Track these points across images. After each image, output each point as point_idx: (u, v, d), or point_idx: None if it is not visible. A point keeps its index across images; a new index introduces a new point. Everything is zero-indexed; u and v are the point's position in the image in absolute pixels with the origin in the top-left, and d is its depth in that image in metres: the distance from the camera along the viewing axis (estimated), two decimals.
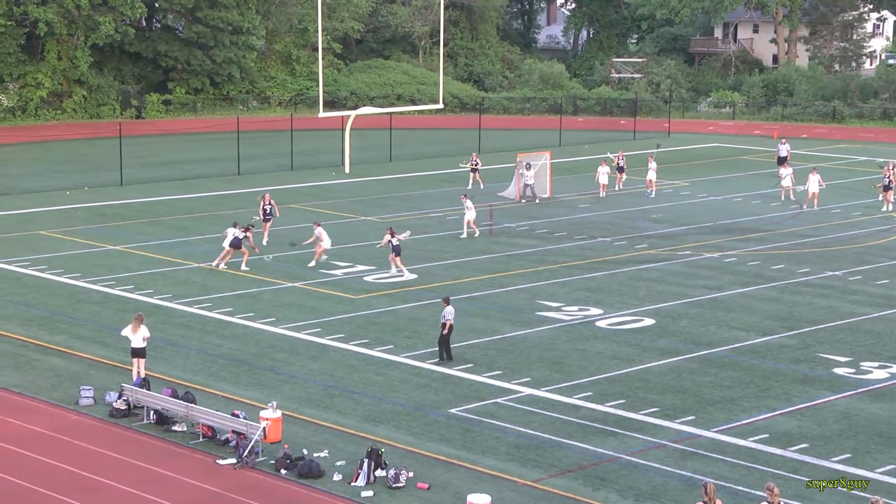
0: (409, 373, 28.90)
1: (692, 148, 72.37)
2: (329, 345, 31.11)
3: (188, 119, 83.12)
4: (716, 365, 29.64)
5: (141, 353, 27.43)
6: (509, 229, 46.58)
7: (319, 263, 39.87)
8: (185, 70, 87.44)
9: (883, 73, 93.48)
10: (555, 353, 30.46)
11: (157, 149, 70.36)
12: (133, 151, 62.67)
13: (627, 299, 35.83)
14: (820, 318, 33.89)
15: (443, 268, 39.86)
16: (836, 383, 28.29)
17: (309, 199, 53.73)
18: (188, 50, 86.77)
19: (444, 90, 70.95)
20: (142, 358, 27.47)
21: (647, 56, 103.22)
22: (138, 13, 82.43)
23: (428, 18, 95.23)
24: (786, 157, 60.44)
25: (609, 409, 26.37)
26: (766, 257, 41.81)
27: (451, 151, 69.67)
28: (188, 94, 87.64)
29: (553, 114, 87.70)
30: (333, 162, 63.93)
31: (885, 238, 45.42)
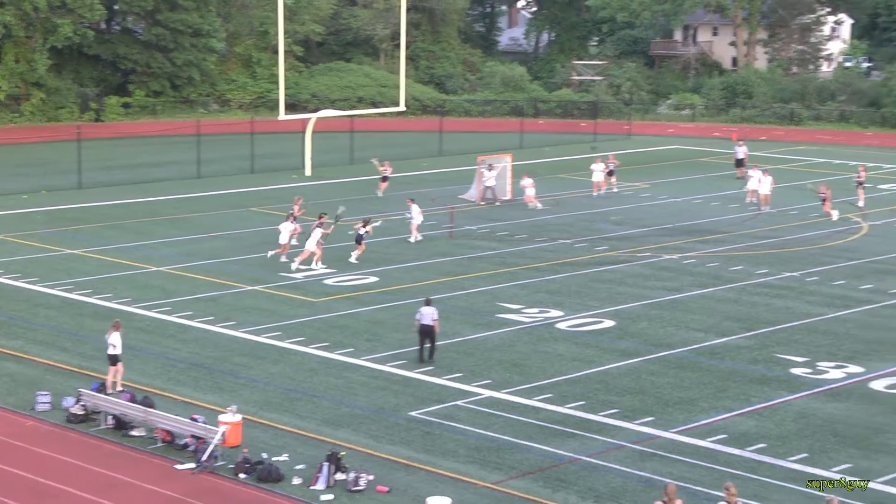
0: (370, 376, 28.86)
1: (652, 150, 72.72)
2: (289, 348, 31.01)
3: (148, 122, 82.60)
4: (675, 366, 29.79)
5: (116, 359, 27.25)
6: (470, 231, 46.61)
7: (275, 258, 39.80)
8: (145, 73, 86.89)
9: (840, 76, 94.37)
10: (515, 356, 30.51)
11: (117, 152, 69.91)
12: (92, 154, 62.23)
13: (587, 301, 35.94)
14: (778, 319, 34.13)
15: (403, 270, 39.84)
16: (793, 383, 28.50)
17: (270, 201, 53.54)
18: (148, 52, 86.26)
19: (405, 93, 70.81)
20: (113, 365, 27.27)
21: (608, 58, 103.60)
22: (97, 15, 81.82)
23: (389, 21, 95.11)
24: (743, 158, 60.83)
25: (569, 411, 26.44)
26: (725, 259, 42.07)
27: (413, 154, 69.68)
28: (148, 97, 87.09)
29: (514, 116, 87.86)
30: (294, 165, 63.75)
31: (842, 239, 45.82)
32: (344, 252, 41.18)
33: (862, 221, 49.26)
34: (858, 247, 44.24)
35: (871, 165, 65.26)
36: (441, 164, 65.71)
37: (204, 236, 45.57)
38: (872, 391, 28.01)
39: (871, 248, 44.00)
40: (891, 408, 26.88)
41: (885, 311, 35.12)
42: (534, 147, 72.72)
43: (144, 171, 62.53)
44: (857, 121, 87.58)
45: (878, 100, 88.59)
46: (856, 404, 27.11)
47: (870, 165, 65.15)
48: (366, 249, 41.12)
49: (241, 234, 46.10)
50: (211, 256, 41.83)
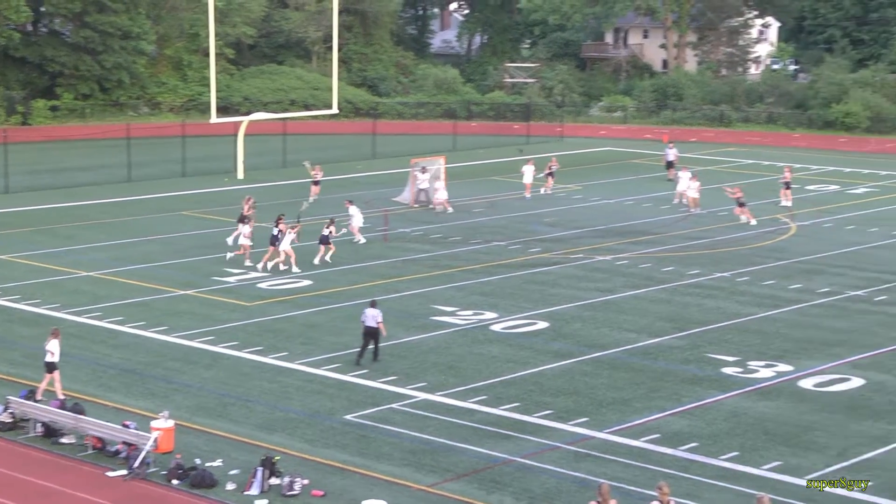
0: (304, 380, 28.74)
1: (584, 152, 73.21)
2: (222, 353, 30.79)
3: (76, 125, 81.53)
4: (608, 366, 30.00)
5: (53, 367, 26.86)
6: (404, 234, 46.60)
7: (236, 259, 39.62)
8: (74, 75, 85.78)
9: (768, 78, 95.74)
10: (450, 358, 30.54)
11: (45, 156, 68.98)
12: (19, 158, 61.35)
13: (522, 303, 36.08)
14: (709, 319, 34.51)
15: (338, 273, 39.73)
16: (724, 383, 28.83)
17: (202, 205, 53.14)
18: (76, 55, 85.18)
19: (338, 95, 70.65)
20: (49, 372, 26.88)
21: (540, 61, 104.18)
22: (24, 17, 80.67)
23: (321, 24, 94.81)
24: (673, 161, 61.46)
25: (504, 413, 26.51)
26: (657, 260, 42.46)
27: (346, 157, 69.54)
28: (76, 100, 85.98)
29: (447, 118, 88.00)
30: (226, 168, 63.33)
31: (772, 239, 46.44)
32: (306, 256, 40.95)
33: (791, 222, 49.98)
34: (787, 247, 44.88)
35: (798, 167, 66.30)
36: (374, 167, 65.65)
37: (135, 240, 45.11)
38: (801, 389, 28.42)
39: (800, 248, 44.66)
40: (819, 406, 27.29)
41: (812, 311, 35.66)
42: (467, 149, 72.88)
43: (73, 175, 61.75)
44: (784, 122, 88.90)
45: (805, 102, 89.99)
46: (785, 403, 27.48)
47: (797, 167, 66.20)
48: (334, 250, 41.24)
49: (173, 238, 45.70)
50: (142, 261, 41.42)
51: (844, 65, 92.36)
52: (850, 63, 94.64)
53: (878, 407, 27.21)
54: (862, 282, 39.24)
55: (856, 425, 26.01)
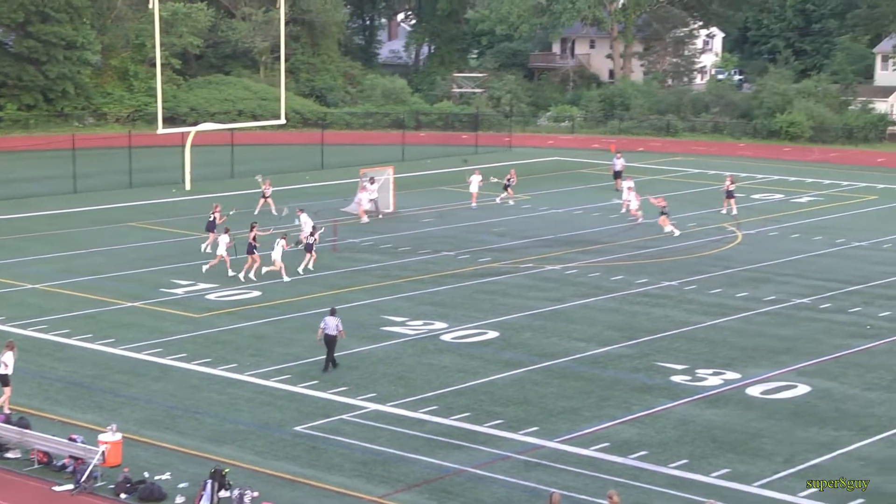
0: (254, 391, 28.61)
1: (533, 161, 73.49)
2: (171, 365, 30.58)
3: (20, 136, 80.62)
4: (558, 376, 30.11)
5: (7, 380, 26.54)
6: (353, 244, 46.52)
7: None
8: (17, 86, 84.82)
9: (713, 88, 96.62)
10: (400, 368, 30.53)
11: None
12: None
13: (471, 312, 36.14)
14: (657, 328, 34.74)
15: (286, 284, 39.58)
16: (673, 391, 29.03)
17: (149, 216, 52.77)
18: (19, 65, 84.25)
19: (285, 105, 70.48)
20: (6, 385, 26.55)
21: (488, 71, 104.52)
22: None
23: (268, 34, 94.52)
24: (620, 170, 61.78)
25: (454, 423, 26.53)
26: (606, 269, 42.70)
27: (294, 167, 69.34)
28: (20, 111, 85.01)
29: (396, 129, 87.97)
30: (174, 179, 62.93)
31: (718, 248, 46.86)
32: (219, 269, 40.72)
33: (737, 231, 50.46)
34: (733, 256, 45.30)
35: (744, 176, 66.98)
36: (323, 178, 65.50)
37: (81, 252, 44.70)
38: (749, 397, 28.69)
39: (746, 256, 45.09)
40: (766, 413, 27.56)
41: (759, 319, 36.02)
42: (416, 159, 72.93)
43: (17, 186, 61.03)
44: (730, 132, 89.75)
45: (750, 111, 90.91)
46: (733, 410, 27.72)
47: (743, 176, 66.87)
48: (315, 259, 41.52)
49: (120, 249, 45.34)
50: (88, 273, 41.05)
51: (788, 75, 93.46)
52: (793, 73, 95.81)
53: (824, 414, 27.52)
54: (807, 290, 39.70)
55: (802, 432, 26.29)
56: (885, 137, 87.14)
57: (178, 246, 46.06)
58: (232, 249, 40.32)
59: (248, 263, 39.96)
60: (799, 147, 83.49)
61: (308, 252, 41.36)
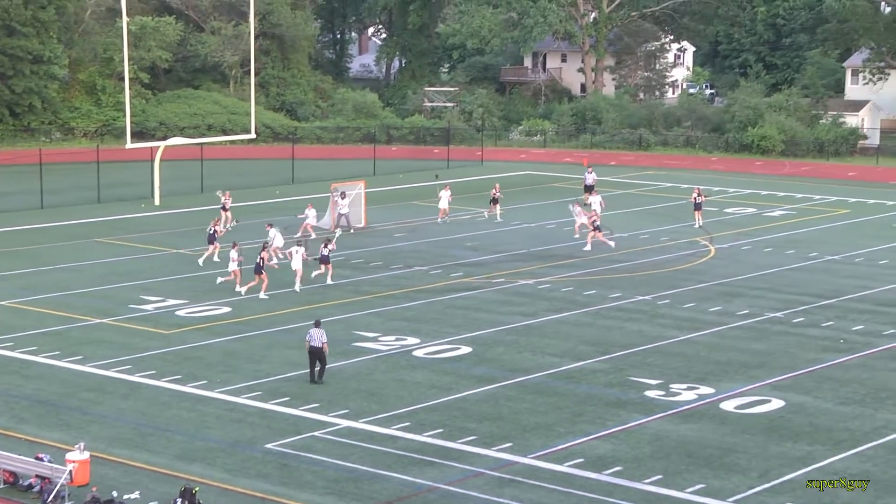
0: (224, 408, 28.42)
1: (505, 176, 73.51)
2: (140, 382, 30.35)
3: None
4: (532, 391, 30.07)
5: None
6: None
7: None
8: None
9: (685, 102, 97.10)
10: (372, 384, 30.41)
11: None
12: None
13: (444, 328, 36.07)
14: (631, 342, 34.77)
15: (256, 300, 39.40)
16: (647, 406, 29.03)
17: (118, 232, 52.46)
18: None
19: (255, 120, 70.32)
20: None
21: (459, 85, 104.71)
22: None
23: (238, 48, 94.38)
24: (592, 185, 61.91)
25: (427, 439, 26.44)
26: (579, 283, 42.73)
27: (265, 182, 69.16)
28: None
29: (367, 143, 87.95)
30: (143, 194, 62.63)
31: (691, 262, 46.99)
32: (189, 285, 40.51)
33: (709, 245, 50.63)
34: (706, 270, 45.43)
35: (716, 189, 67.29)
36: (294, 192, 65.33)
37: (48, 268, 44.37)
38: (723, 412, 28.72)
39: (718, 270, 45.23)
40: (740, 428, 27.59)
41: (732, 333, 36.10)
42: (387, 174, 72.89)
43: None
44: (702, 146, 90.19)
45: (722, 125, 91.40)
46: (707, 425, 27.74)
47: (715, 189, 67.20)
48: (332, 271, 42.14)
49: (88, 265, 45.05)
50: (56, 289, 40.75)
51: (759, 89, 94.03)
52: (764, 87, 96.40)
53: (798, 428, 27.58)
54: (780, 304, 39.84)
55: (776, 447, 26.33)
56: (855, 151, 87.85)
57: (148, 262, 45.80)
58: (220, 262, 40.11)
59: (255, 282, 39.84)
60: (771, 161, 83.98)
61: (324, 264, 41.75)
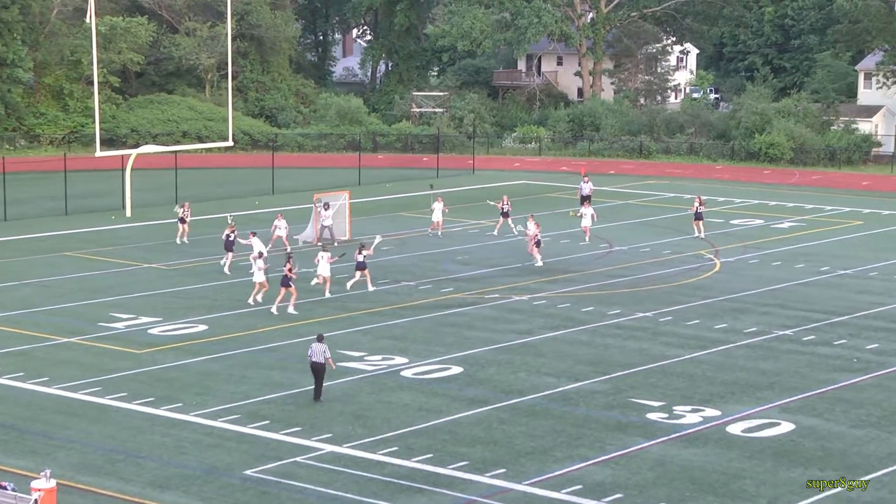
0: (200, 432, 28.40)
1: (498, 185, 73.63)
2: (110, 405, 30.32)
3: None
4: (527, 414, 30.09)
5: None
6: (308, 274, 46.38)
7: None
8: None
9: (688, 108, 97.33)
10: (357, 407, 30.43)
11: None
12: None
13: (434, 347, 36.10)
14: (632, 362, 34.83)
15: (234, 318, 39.42)
16: (649, 429, 29.07)
17: (87, 245, 52.42)
18: None
19: (233, 126, 70.37)
20: None
21: (449, 89, 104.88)
22: None
23: (214, 50, 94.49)
24: (588, 195, 61.77)
25: (416, 465, 26.45)
26: (576, 299, 42.80)
27: (243, 192, 69.18)
28: None
29: (351, 151, 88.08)
30: (113, 205, 62.61)
31: (695, 277, 47.09)
32: (163, 301, 40.48)
33: (715, 259, 50.75)
34: (711, 285, 45.54)
35: (721, 200, 67.50)
36: (274, 203, 65.31)
37: (12, 284, 44.34)
38: (729, 435, 28.77)
39: (725, 285, 45.34)
40: (748, 452, 27.63)
41: (739, 352, 36.18)
42: (373, 183, 72.96)
43: None
44: (706, 154, 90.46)
45: (727, 132, 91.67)
46: (713, 449, 27.79)
47: (720, 200, 67.41)
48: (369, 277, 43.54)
49: (55, 281, 45.02)
50: (20, 306, 40.71)
51: (766, 93, 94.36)
52: (771, 92, 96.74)
53: (809, 453, 27.63)
54: (790, 321, 39.94)
55: (786, 472, 26.37)
56: (869, 159, 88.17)
57: (118, 277, 45.79)
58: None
59: (281, 295, 40.12)
60: (779, 169, 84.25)
61: (359, 270, 43.21)
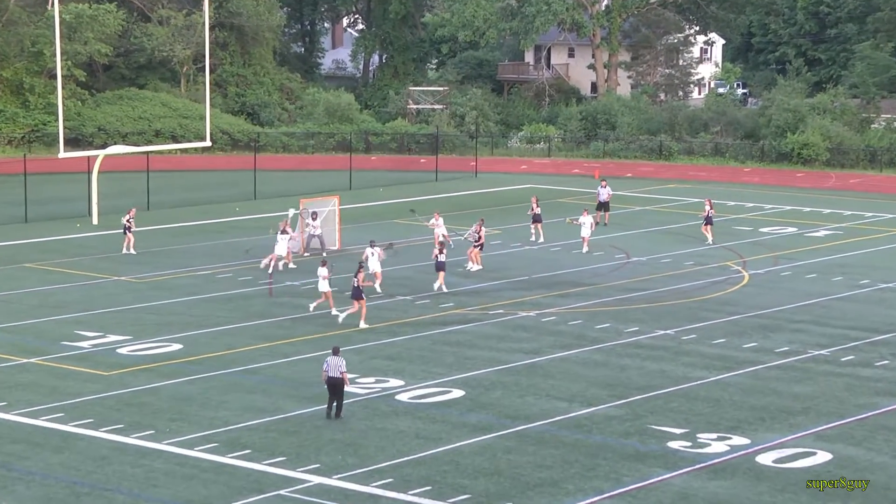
0: (174, 462, 28.39)
1: (503, 190, 73.73)
2: (74, 432, 30.32)
3: None
4: (535, 442, 30.09)
5: None
6: (292, 288, 46.44)
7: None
8: None
9: (713, 104, 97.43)
10: (348, 434, 30.43)
11: None
12: None
13: (432, 367, 36.11)
14: (651, 385, 34.83)
15: (211, 336, 39.44)
16: (670, 459, 29.06)
17: (49, 255, 52.47)
18: None
19: (211, 125, 70.42)
20: None
21: (450, 84, 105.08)
22: None
23: (190, 40, 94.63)
24: (607, 200, 61.49)
25: (413, 498, 26.44)
26: (590, 315, 42.81)
27: (222, 197, 69.21)
28: None
29: (341, 152, 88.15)
30: (78, 211, 62.64)
31: (721, 291, 47.10)
32: (133, 318, 40.48)
33: (743, 270, 50.79)
34: (739, 299, 45.56)
35: (750, 206, 67.58)
36: (256, 209, 65.41)
37: None
38: (759, 466, 28.75)
39: (754, 300, 45.35)
40: (779, 485, 27.60)
41: (770, 373, 36.18)
42: (365, 187, 73.00)
43: None
44: (733, 155, 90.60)
45: (756, 131, 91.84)
46: (741, 481, 27.77)
47: (749, 206, 67.49)
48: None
49: (13, 295, 45.05)
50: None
51: (799, 88, 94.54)
52: (805, 86, 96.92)
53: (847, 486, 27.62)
54: (825, 339, 39.95)
55: None
56: None
57: (84, 291, 45.80)
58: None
59: (354, 308, 40.77)
60: (814, 172, 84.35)
61: (439, 271, 45.93)
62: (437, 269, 46.08)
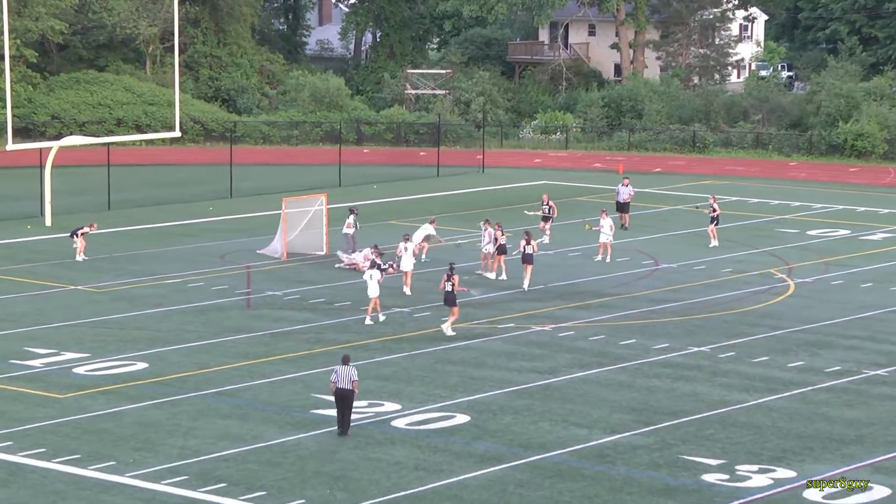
0: (138, 498, 28.40)
1: (513, 187, 73.72)
2: (25, 463, 30.32)
3: None
4: (551, 474, 30.10)
5: None
6: (274, 298, 46.46)
7: None
8: None
9: (754, 89, 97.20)
10: (337, 465, 30.43)
11: None
12: None
13: (433, 389, 36.12)
14: (683, 409, 34.81)
15: (182, 353, 39.46)
16: (705, 494, 29.06)
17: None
18: None
19: (181, 113, 70.43)
20: None
21: (453, 66, 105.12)
22: None
23: (157, 16, 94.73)
24: (627, 201, 60.91)
25: None
26: (613, 329, 42.81)
27: (194, 195, 69.22)
28: None
29: (330, 143, 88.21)
30: (29, 211, 62.67)
31: (763, 302, 47.09)
32: (92, 334, 40.46)
33: (788, 278, 50.79)
34: (784, 312, 45.54)
35: (796, 205, 67.56)
36: (232, 209, 65.44)
37: None
38: (807, 502, 28.74)
39: (800, 313, 45.34)
40: None
41: (819, 397, 36.14)
42: (357, 184, 73.00)
43: None
44: (777, 147, 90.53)
45: (803, 120, 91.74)
46: None
47: (795, 205, 67.48)
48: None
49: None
50: None
51: (854, 71, 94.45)
52: (860, 69, 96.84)
53: None
54: (883, 358, 39.94)
55: None
56: None
57: (35, 302, 45.81)
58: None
59: (454, 316, 42.00)
60: (870, 166, 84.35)
61: (526, 264, 47.82)
62: (524, 262, 48.09)
